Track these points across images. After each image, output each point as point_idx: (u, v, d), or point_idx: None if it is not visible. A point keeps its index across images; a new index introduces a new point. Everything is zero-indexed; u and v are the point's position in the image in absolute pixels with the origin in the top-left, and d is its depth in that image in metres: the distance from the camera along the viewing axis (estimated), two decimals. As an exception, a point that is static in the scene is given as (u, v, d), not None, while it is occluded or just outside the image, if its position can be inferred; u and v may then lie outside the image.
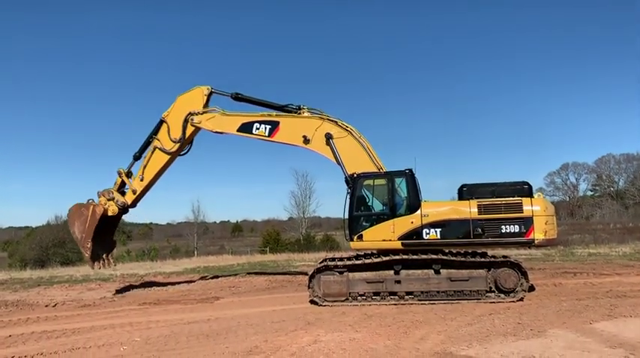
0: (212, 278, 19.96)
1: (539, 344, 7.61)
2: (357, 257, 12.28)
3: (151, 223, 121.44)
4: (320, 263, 12.31)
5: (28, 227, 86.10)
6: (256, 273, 20.88)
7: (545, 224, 11.53)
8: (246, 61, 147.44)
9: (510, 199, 11.75)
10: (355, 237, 12.34)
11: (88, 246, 15.35)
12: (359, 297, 11.94)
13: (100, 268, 16.44)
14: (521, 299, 11.37)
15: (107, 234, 16.56)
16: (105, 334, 9.65)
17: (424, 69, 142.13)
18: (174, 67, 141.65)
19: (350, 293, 11.93)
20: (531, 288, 13.09)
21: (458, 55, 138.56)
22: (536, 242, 11.51)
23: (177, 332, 9.56)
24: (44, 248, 56.11)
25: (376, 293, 11.92)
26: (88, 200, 16.11)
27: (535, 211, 11.55)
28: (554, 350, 7.24)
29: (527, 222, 11.51)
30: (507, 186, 12.02)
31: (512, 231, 11.57)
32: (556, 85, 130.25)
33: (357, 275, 11.97)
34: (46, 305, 14.08)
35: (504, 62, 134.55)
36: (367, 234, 12.26)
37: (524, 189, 11.92)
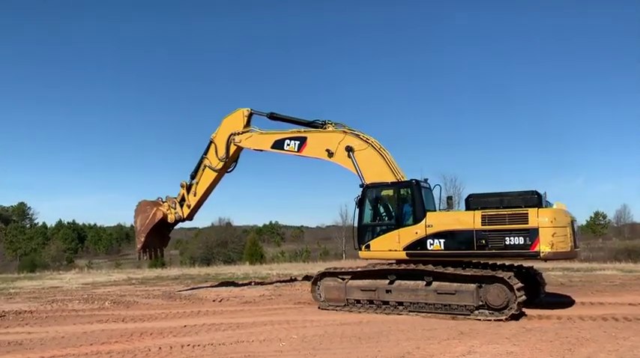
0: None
1: None
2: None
3: (302, 226, 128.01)
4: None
5: (195, 228, 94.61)
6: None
7: (553, 236, 10.68)
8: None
9: (516, 210, 11.14)
10: (363, 247, 12.71)
11: (142, 239, 17.45)
12: (355, 304, 12.29)
13: (145, 258, 18.52)
14: (515, 318, 10.56)
15: (164, 231, 18.36)
16: (265, 330, 10.31)
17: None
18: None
19: (347, 299, 12.40)
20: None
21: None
22: (541, 255, 10.72)
23: (330, 332, 9.90)
24: (209, 247, 61.75)
25: (371, 302, 12.14)
26: (158, 198, 18.12)
27: (541, 222, 10.75)
28: None
29: (533, 234, 10.77)
30: (515, 196, 11.44)
31: (517, 243, 10.93)
32: None
33: (354, 282, 12.43)
34: (213, 300, 15.39)
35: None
36: (374, 243, 12.55)
37: (533, 199, 11.21)
